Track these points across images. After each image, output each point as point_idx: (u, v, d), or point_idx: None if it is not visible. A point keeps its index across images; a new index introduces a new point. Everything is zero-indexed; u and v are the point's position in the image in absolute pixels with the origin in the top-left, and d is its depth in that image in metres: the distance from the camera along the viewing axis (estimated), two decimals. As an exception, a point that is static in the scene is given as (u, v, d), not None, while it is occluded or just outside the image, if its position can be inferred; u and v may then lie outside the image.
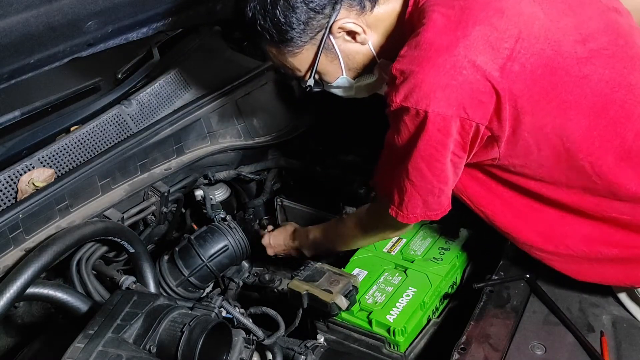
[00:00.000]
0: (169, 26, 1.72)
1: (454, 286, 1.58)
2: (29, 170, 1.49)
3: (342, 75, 1.34)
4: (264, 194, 2.01)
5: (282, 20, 1.23)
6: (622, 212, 1.25)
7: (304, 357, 1.35)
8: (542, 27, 1.15)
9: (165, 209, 1.71)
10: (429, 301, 1.48)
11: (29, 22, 1.20)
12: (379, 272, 1.57)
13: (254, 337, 1.31)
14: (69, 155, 1.58)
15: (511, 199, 1.33)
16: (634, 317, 1.35)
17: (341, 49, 1.29)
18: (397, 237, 1.66)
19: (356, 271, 1.58)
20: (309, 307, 1.41)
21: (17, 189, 1.45)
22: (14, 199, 1.45)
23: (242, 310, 1.40)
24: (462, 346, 1.28)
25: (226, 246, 1.60)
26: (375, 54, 1.31)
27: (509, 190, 1.31)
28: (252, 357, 1.28)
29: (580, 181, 1.23)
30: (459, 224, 1.65)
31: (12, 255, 1.36)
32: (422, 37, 1.14)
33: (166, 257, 1.59)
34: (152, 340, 1.15)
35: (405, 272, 1.56)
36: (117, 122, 1.71)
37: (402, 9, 1.27)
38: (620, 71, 1.19)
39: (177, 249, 1.59)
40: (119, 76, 1.83)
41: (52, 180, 1.50)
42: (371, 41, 1.29)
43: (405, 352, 1.40)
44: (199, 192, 1.88)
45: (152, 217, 1.69)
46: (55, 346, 1.23)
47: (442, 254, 1.60)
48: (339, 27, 1.25)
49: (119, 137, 1.69)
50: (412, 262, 1.59)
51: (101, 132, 1.66)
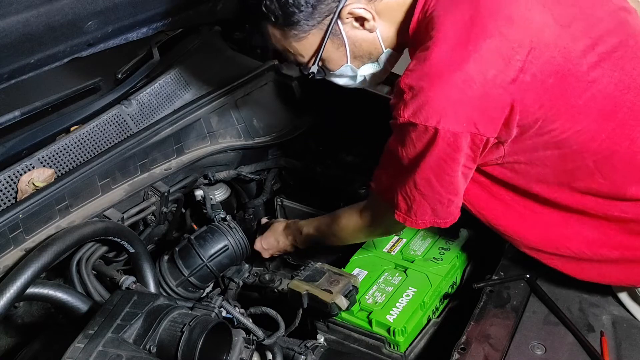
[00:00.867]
0: (169, 26, 1.72)
1: (454, 286, 1.58)
2: (29, 170, 1.49)
3: (347, 63, 1.32)
4: (264, 194, 2.00)
5: (290, 1, 1.19)
6: (625, 212, 1.25)
7: (304, 357, 1.35)
8: (553, 34, 1.13)
9: (165, 209, 1.71)
10: (429, 301, 1.48)
11: (29, 22, 1.20)
12: (379, 272, 1.57)
13: (254, 337, 1.31)
14: (69, 155, 1.58)
15: (513, 202, 1.33)
16: (634, 317, 1.35)
17: (348, 35, 1.26)
18: (397, 237, 1.66)
19: (356, 271, 1.58)
20: (309, 307, 1.41)
21: (17, 189, 1.45)
22: (14, 199, 1.45)
23: (242, 310, 1.40)
24: (462, 346, 1.28)
25: (226, 246, 1.60)
26: (382, 43, 1.29)
27: (511, 192, 1.31)
28: (252, 357, 1.28)
29: (584, 181, 1.23)
30: (459, 224, 1.65)
31: (12, 255, 1.36)
32: (432, 52, 1.12)
33: (166, 257, 1.59)
34: (152, 340, 1.15)
35: (405, 272, 1.56)
36: (117, 122, 1.70)
37: (412, 1, 1.24)
38: (629, 73, 1.18)
39: (177, 249, 1.59)
40: (119, 76, 1.83)
41: (52, 180, 1.50)
42: (379, 29, 1.27)
43: (405, 352, 1.40)
44: (199, 192, 1.88)
45: (152, 217, 1.68)
46: (55, 346, 1.24)
47: (442, 254, 1.60)
48: (349, 12, 1.22)
49: (119, 137, 1.69)
50: (412, 262, 1.59)
51: (101, 132, 1.66)
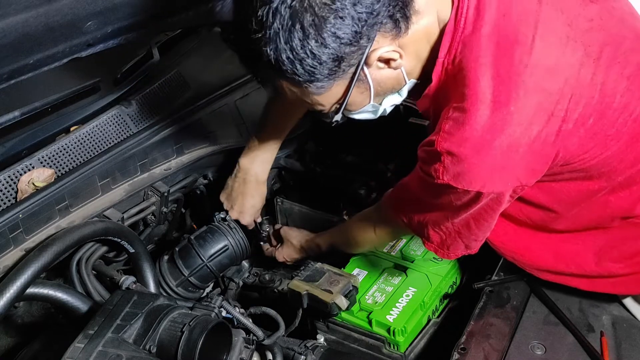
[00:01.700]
0: (169, 26, 1.72)
1: (454, 286, 1.58)
2: (29, 170, 1.49)
3: (370, 102, 1.20)
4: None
5: (314, 61, 1.04)
6: (637, 219, 1.27)
7: (304, 357, 1.35)
8: (589, 72, 1.09)
9: (165, 209, 1.71)
10: (429, 301, 1.48)
11: (29, 23, 1.19)
12: (379, 272, 1.57)
13: (254, 337, 1.31)
14: (69, 155, 1.58)
15: (524, 225, 1.34)
16: (634, 317, 1.35)
17: (374, 77, 1.14)
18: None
19: (356, 271, 1.58)
20: (309, 307, 1.41)
21: (17, 189, 1.45)
22: (14, 199, 1.45)
23: (242, 310, 1.40)
24: (462, 346, 1.28)
25: (226, 246, 1.60)
26: (406, 77, 1.18)
27: (526, 211, 1.32)
28: (252, 357, 1.28)
29: (605, 197, 1.24)
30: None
31: (12, 255, 1.36)
32: (470, 115, 1.05)
33: (166, 257, 1.59)
34: (152, 340, 1.15)
35: (405, 272, 1.56)
36: (117, 122, 1.71)
37: (433, 29, 1.14)
38: None
39: (177, 249, 1.59)
40: (119, 76, 1.83)
41: (52, 180, 1.50)
42: (404, 65, 1.15)
43: (405, 352, 1.40)
44: (199, 192, 1.88)
45: (152, 217, 1.69)
46: (55, 346, 1.24)
47: (442, 254, 1.60)
48: (378, 57, 1.10)
49: (119, 137, 1.69)
50: (412, 262, 1.59)
51: (101, 132, 1.66)
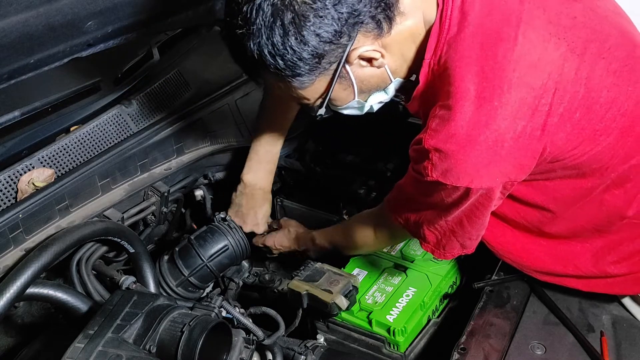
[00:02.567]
0: (169, 26, 1.72)
1: (454, 286, 1.58)
2: (29, 170, 1.49)
3: (355, 99, 1.24)
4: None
5: (294, 57, 1.08)
6: (633, 219, 1.27)
7: (304, 357, 1.35)
8: (572, 67, 1.10)
9: (165, 209, 1.71)
10: (429, 301, 1.48)
11: (29, 22, 1.19)
12: (379, 272, 1.57)
13: (254, 337, 1.31)
14: (69, 155, 1.58)
15: (520, 228, 1.35)
16: (634, 317, 1.35)
17: (356, 75, 1.18)
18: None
19: (356, 271, 1.58)
20: (309, 307, 1.41)
21: (17, 189, 1.45)
22: (14, 199, 1.45)
23: (242, 310, 1.40)
24: (462, 346, 1.28)
25: (226, 246, 1.60)
26: (390, 75, 1.21)
27: (522, 213, 1.32)
28: (252, 357, 1.28)
29: (600, 195, 1.24)
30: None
31: (12, 255, 1.36)
32: (455, 111, 1.07)
33: (166, 257, 1.59)
34: (152, 340, 1.15)
35: (405, 272, 1.56)
36: (117, 122, 1.71)
37: (418, 29, 1.17)
38: None
39: (177, 249, 1.59)
40: (119, 76, 1.83)
41: (52, 180, 1.50)
42: (387, 64, 1.18)
43: (405, 352, 1.40)
44: (199, 192, 1.88)
45: (152, 217, 1.69)
46: (55, 346, 1.23)
47: (442, 254, 1.60)
48: (358, 56, 1.13)
49: (119, 137, 1.69)
50: (412, 262, 1.59)
51: (101, 132, 1.66)
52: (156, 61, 1.85)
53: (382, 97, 1.27)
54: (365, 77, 1.19)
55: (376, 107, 1.31)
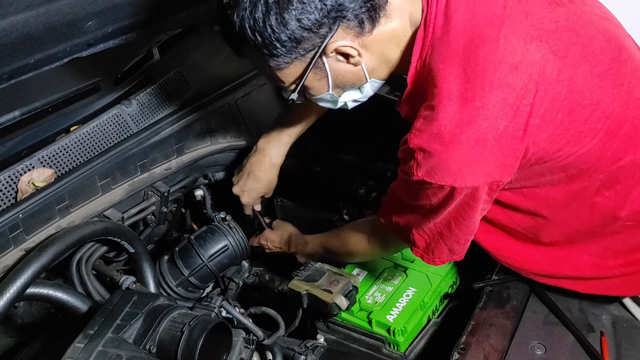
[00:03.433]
0: (169, 26, 1.72)
1: (454, 286, 1.58)
2: (29, 170, 1.49)
3: (328, 91, 1.26)
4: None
5: (273, 36, 1.12)
6: (628, 220, 1.27)
7: (304, 357, 1.35)
8: (554, 69, 1.11)
9: (165, 209, 1.71)
10: (429, 301, 1.48)
11: (29, 22, 1.19)
12: (378, 272, 1.57)
13: (254, 337, 1.31)
14: (69, 155, 1.58)
15: (517, 235, 1.35)
16: (634, 317, 1.35)
17: (332, 68, 1.20)
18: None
19: (356, 271, 1.58)
20: (309, 307, 1.41)
21: (17, 189, 1.45)
22: (14, 199, 1.45)
23: (242, 310, 1.40)
24: (462, 346, 1.28)
25: (226, 246, 1.60)
26: (367, 75, 1.24)
27: (517, 219, 1.32)
28: (252, 357, 1.28)
29: (591, 198, 1.24)
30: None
31: (12, 255, 1.36)
32: (439, 112, 1.09)
33: (166, 257, 1.59)
34: (152, 340, 1.15)
35: (405, 272, 1.56)
36: (117, 122, 1.70)
37: (403, 32, 1.20)
38: (627, 87, 1.19)
39: (177, 249, 1.59)
40: (119, 76, 1.83)
41: (52, 180, 1.50)
42: (364, 62, 1.21)
43: (405, 352, 1.40)
44: (199, 192, 1.88)
45: (152, 217, 1.69)
46: (55, 346, 1.24)
47: (442, 254, 1.60)
48: (334, 49, 1.16)
49: (119, 137, 1.69)
50: (412, 262, 1.59)
51: (101, 132, 1.66)
52: (156, 61, 1.85)
53: (356, 95, 1.30)
54: (340, 72, 1.22)
55: (350, 104, 1.33)
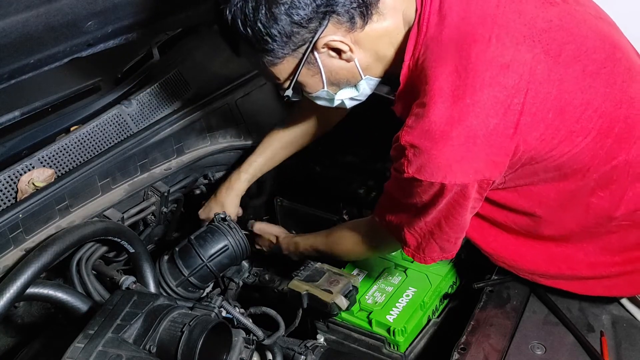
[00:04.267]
0: (169, 26, 1.72)
1: (454, 286, 1.58)
2: (29, 170, 1.49)
3: (323, 88, 1.27)
4: (264, 194, 2.00)
5: (263, 30, 1.13)
6: (623, 220, 1.27)
7: (304, 357, 1.35)
8: (545, 69, 1.12)
9: (165, 209, 1.71)
10: (429, 301, 1.48)
11: (29, 22, 1.19)
12: (379, 272, 1.57)
13: (254, 337, 1.31)
14: (69, 155, 1.58)
15: (513, 230, 1.35)
16: (634, 317, 1.35)
17: (324, 64, 1.21)
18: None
19: (356, 271, 1.58)
20: (309, 307, 1.41)
21: (17, 189, 1.45)
22: (14, 199, 1.45)
23: (242, 310, 1.40)
24: (462, 346, 1.28)
25: (226, 246, 1.60)
26: (361, 72, 1.24)
27: (512, 218, 1.32)
28: (252, 357, 1.28)
29: (585, 198, 1.24)
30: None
31: (12, 255, 1.36)
32: (430, 108, 1.09)
33: (166, 257, 1.59)
34: (152, 340, 1.15)
35: (405, 272, 1.56)
36: (117, 122, 1.71)
37: (396, 30, 1.21)
38: (620, 86, 1.19)
39: (177, 249, 1.59)
40: (119, 76, 1.83)
41: (52, 180, 1.50)
42: (357, 59, 1.22)
43: (405, 352, 1.40)
44: (199, 192, 1.88)
45: (152, 217, 1.69)
46: (55, 346, 1.24)
47: (442, 254, 1.60)
48: (324, 44, 1.17)
49: (119, 137, 1.69)
50: (412, 262, 1.59)
51: (101, 132, 1.66)
52: (156, 61, 1.85)
53: (352, 93, 1.30)
54: (334, 69, 1.23)
55: (348, 103, 1.34)
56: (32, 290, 1.26)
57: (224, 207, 1.75)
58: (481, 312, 1.37)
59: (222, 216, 1.69)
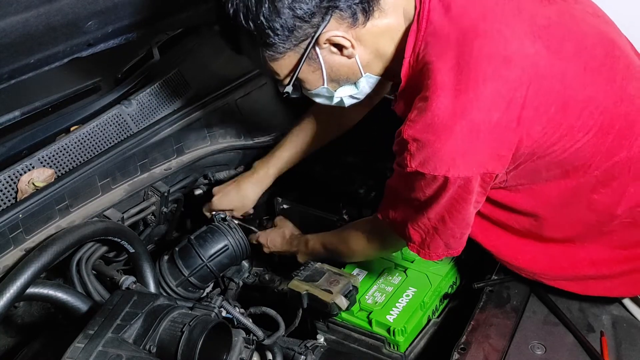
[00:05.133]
0: (169, 26, 1.72)
1: (454, 286, 1.58)
2: (29, 170, 1.49)
3: (323, 85, 1.27)
4: (264, 194, 2.00)
5: (265, 24, 1.13)
6: (625, 218, 1.27)
7: (304, 357, 1.35)
8: (547, 64, 1.12)
9: (165, 209, 1.71)
10: (429, 301, 1.48)
11: (29, 22, 1.19)
12: (379, 272, 1.57)
13: (254, 337, 1.31)
14: (69, 155, 1.58)
15: (514, 232, 1.35)
16: (634, 317, 1.35)
17: (325, 60, 1.21)
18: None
19: (356, 271, 1.58)
20: (309, 307, 1.41)
21: (17, 189, 1.45)
22: (14, 199, 1.45)
23: (242, 310, 1.40)
24: (462, 346, 1.28)
25: (226, 246, 1.60)
26: (361, 69, 1.24)
27: (514, 219, 1.32)
28: (252, 357, 1.28)
29: (586, 195, 1.25)
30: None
31: (12, 255, 1.35)
32: (433, 102, 1.09)
33: (166, 257, 1.59)
34: (152, 340, 1.15)
35: (405, 272, 1.56)
36: (117, 122, 1.70)
37: (397, 27, 1.21)
38: (620, 83, 1.19)
39: (177, 249, 1.59)
40: (119, 76, 1.83)
41: (52, 180, 1.50)
42: (358, 55, 1.21)
43: (405, 352, 1.40)
44: (199, 192, 1.88)
45: (152, 217, 1.69)
46: (55, 346, 1.23)
47: (442, 254, 1.60)
48: (327, 39, 1.17)
49: (119, 137, 1.69)
50: (412, 262, 1.59)
51: (101, 132, 1.66)
52: (156, 61, 1.85)
53: (352, 90, 1.30)
54: (335, 65, 1.23)
55: (347, 101, 1.33)
56: (32, 290, 1.26)
57: (245, 200, 1.75)
58: (481, 312, 1.37)
59: (222, 216, 1.69)
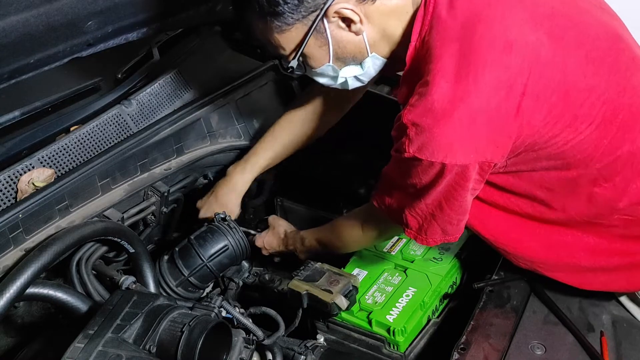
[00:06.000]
0: (169, 26, 1.72)
1: (454, 286, 1.58)
2: (29, 170, 1.49)
3: (329, 62, 1.27)
4: (264, 194, 2.00)
5: None
6: (626, 215, 1.27)
7: (304, 357, 1.35)
8: (549, 52, 1.12)
9: (165, 209, 1.71)
10: (429, 301, 1.48)
11: (29, 22, 1.20)
12: (379, 272, 1.57)
13: (254, 337, 1.31)
14: (69, 155, 1.58)
15: (514, 217, 1.34)
16: (634, 317, 1.35)
17: (333, 35, 1.21)
18: (397, 237, 1.66)
19: (356, 271, 1.58)
20: (309, 307, 1.40)
21: (17, 189, 1.45)
22: (14, 199, 1.45)
23: (242, 310, 1.40)
24: (462, 346, 1.28)
25: (226, 246, 1.60)
26: (368, 48, 1.25)
27: (513, 202, 1.32)
28: (252, 357, 1.28)
29: (587, 187, 1.24)
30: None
31: (12, 255, 1.36)
32: (433, 87, 1.10)
33: (166, 257, 1.59)
34: (152, 340, 1.15)
35: (405, 272, 1.56)
36: (117, 122, 1.71)
37: (405, 9, 1.22)
38: (624, 74, 1.19)
39: (177, 249, 1.59)
40: (119, 76, 1.83)
41: (52, 180, 1.50)
42: (366, 33, 1.22)
43: (405, 352, 1.40)
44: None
45: (152, 217, 1.69)
46: (55, 346, 1.23)
47: (442, 254, 1.60)
48: (335, 12, 1.17)
49: (119, 137, 1.69)
50: (412, 262, 1.59)
51: (101, 132, 1.66)
52: (156, 61, 1.85)
53: (357, 71, 1.30)
54: (342, 41, 1.23)
55: (351, 82, 1.33)
56: (32, 290, 1.26)
57: (225, 208, 1.75)
58: (481, 312, 1.37)
59: (222, 216, 1.69)
